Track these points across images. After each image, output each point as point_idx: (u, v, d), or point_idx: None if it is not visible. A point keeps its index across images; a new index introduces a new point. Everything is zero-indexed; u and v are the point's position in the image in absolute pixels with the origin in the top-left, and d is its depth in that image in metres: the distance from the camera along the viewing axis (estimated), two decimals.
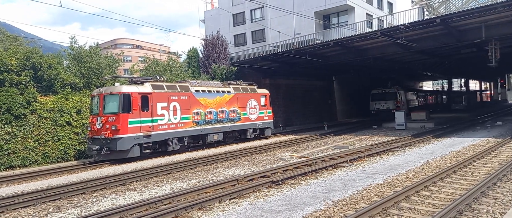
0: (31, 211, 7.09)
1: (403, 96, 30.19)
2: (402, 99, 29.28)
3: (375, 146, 13.82)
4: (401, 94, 29.20)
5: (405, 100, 30.73)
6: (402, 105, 28.30)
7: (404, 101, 30.34)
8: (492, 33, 16.14)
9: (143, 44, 70.72)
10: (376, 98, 28.77)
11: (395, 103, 27.61)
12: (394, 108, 26.44)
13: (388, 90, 28.84)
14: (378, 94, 28.82)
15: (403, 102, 29.72)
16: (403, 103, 29.50)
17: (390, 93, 28.61)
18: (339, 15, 30.89)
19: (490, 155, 10.81)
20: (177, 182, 9.21)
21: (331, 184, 8.03)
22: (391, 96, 28.39)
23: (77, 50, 17.91)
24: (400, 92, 29.09)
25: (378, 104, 28.54)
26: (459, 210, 5.60)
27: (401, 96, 29.08)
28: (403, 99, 30.14)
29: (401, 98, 28.97)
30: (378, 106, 28.49)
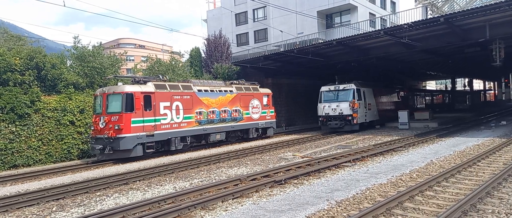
0: (35, 210, 7.12)
1: (368, 96, 21.79)
2: (364, 100, 21.06)
3: (378, 146, 13.76)
4: (363, 93, 21.06)
5: (373, 103, 22.68)
6: (364, 109, 20.91)
7: (373, 104, 22.52)
8: (497, 32, 16.00)
9: (146, 44, 70.92)
10: (328, 99, 20.87)
11: (351, 106, 19.61)
12: (350, 114, 19.53)
13: (343, 88, 20.46)
14: (330, 94, 20.99)
15: (369, 104, 21.84)
16: (369, 105, 21.88)
17: (346, 92, 20.35)
18: (342, 14, 30.81)
19: (494, 155, 10.72)
20: (180, 181, 9.21)
21: (334, 184, 8.00)
22: (346, 95, 20.25)
23: (80, 50, 17.98)
24: (362, 90, 21.07)
25: (328, 108, 20.38)
26: (464, 210, 5.55)
27: (362, 95, 20.87)
28: (369, 100, 21.91)
29: (362, 98, 20.79)
30: (327, 111, 20.27)
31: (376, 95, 23.36)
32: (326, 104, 20.58)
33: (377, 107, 23.32)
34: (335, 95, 20.77)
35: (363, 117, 20.89)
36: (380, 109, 23.93)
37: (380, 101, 24.31)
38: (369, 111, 21.83)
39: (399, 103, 28.02)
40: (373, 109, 22.57)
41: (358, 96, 20.40)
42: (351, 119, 19.68)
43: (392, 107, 26.45)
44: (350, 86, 20.44)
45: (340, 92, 20.60)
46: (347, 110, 19.81)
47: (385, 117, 24.29)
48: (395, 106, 26.85)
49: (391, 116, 24.55)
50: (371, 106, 22.22)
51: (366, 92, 21.63)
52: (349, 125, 19.87)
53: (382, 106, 24.34)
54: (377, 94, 23.54)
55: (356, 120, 19.78)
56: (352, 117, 19.68)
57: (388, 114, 25.04)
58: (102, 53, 19.33)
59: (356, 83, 20.89)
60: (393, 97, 27.61)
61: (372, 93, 22.75)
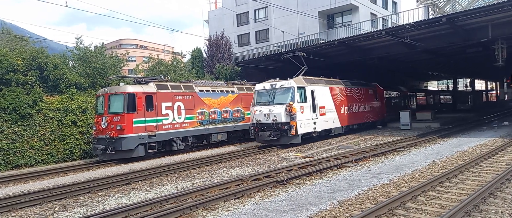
0: (38, 210, 7.13)
1: (322, 97, 16.73)
2: (312, 103, 15.85)
3: (380, 146, 13.73)
4: (312, 93, 15.95)
5: (332, 106, 17.65)
6: (311, 115, 15.73)
7: (331, 108, 17.53)
8: (499, 32, 15.96)
9: (148, 45, 71.04)
10: (262, 101, 15.49)
11: (287, 111, 14.43)
12: (287, 121, 14.41)
13: (280, 86, 15.21)
14: (265, 94, 15.57)
15: (323, 107, 16.64)
16: (323, 109, 16.74)
17: (283, 92, 15.05)
18: (343, 14, 30.76)
19: (497, 155, 10.68)
20: (182, 181, 9.22)
21: (336, 184, 7.98)
22: (283, 96, 14.92)
23: (82, 51, 18.04)
24: (310, 90, 15.85)
25: (259, 113, 15.08)
26: (467, 210, 5.52)
27: (309, 96, 15.70)
28: (324, 102, 16.86)
29: (309, 100, 15.64)
30: (259, 118, 14.97)
31: (337, 96, 18.14)
32: (258, 108, 15.19)
33: (340, 111, 18.28)
34: (271, 96, 15.16)
35: (309, 125, 15.57)
36: (347, 113, 18.95)
37: (346, 104, 18.98)
38: (322, 117, 16.56)
39: (378, 107, 23.16)
40: (331, 114, 17.38)
41: (302, 98, 15.25)
42: (288, 129, 14.38)
43: (367, 111, 21.50)
44: (289, 83, 14.97)
45: (277, 92, 15.12)
46: (282, 116, 14.42)
47: (360, 124, 20.72)
48: (373, 110, 22.32)
49: (367, 123, 21.25)
50: (328, 111, 17.11)
51: (318, 92, 16.37)
52: (286, 137, 14.53)
53: (349, 110, 19.13)
54: (338, 95, 18.34)
55: (294, 129, 14.44)
56: (290, 126, 14.37)
57: (362, 119, 20.70)
58: (104, 53, 19.39)
59: (300, 80, 15.70)
60: (369, 98, 22.07)
61: (330, 93, 17.54)
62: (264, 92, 15.67)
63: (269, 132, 14.76)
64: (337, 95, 18.28)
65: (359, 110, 20.54)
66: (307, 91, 15.74)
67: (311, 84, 16.30)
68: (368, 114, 21.67)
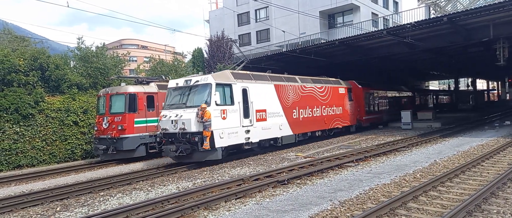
0: (39, 210, 7.16)
1: (260, 98, 12.99)
2: (244, 106, 12.23)
3: (381, 146, 13.72)
4: (242, 92, 12.28)
5: (279, 109, 13.89)
6: (237, 122, 11.87)
7: (276, 111, 13.73)
8: (501, 32, 15.93)
9: (149, 45, 71.13)
10: (173, 103, 11.90)
11: (199, 117, 10.76)
12: (199, 131, 10.74)
13: (195, 82, 11.60)
14: (178, 93, 12.00)
15: (262, 111, 12.97)
16: (263, 113, 13.02)
17: (197, 91, 11.53)
18: (344, 14, 30.73)
19: (499, 155, 10.65)
20: (183, 181, 9.23)
21: (338, 184, 7.98)
22: (197, 96, 11.43)
23: (83, 51, 18.08)
24: (239, 88, 12.15)
25: (166, 119, 11.48)
26: (469, 210, 5.52)
27: (236, 97, 11.98)
28: (264, 105, 13.19)
29: (235, 101, 11.93)
30: (166, 126, 11.42)
31: (287, 97, 14.36)
32: (167, 112, 11.46)
33: (292, 116, 14.52)
34: (184, 97, 11.53)
35: (237, 134, 11.69)
36: (303, 118, 15.23)
37: (302, 106, 15.21)
38: (261, 124, 12.76)
39: (353, 109, 19.40)
40: (276, 120, 13.58)
41: (225, 99, 11.48)
42: (200, 141, 10.61)
43: (336, 114, 17.74)
44: (206, 79, 11.25)
45: (192, 90, 11.45)
46: (191, 124, 10.64)
47: (325, 131, 17.05)
48: (345, 113, 18.60)
49: (336, 129, 17.81)
50: (272, 115, 13.34)
51: (255, 92, 12.60)
52: (198, 152, 10.81)
53: (307, 114, 15.46)
54: (290, 95, 14.51)
55: (208, 142, 10.55)
56: (201, 137, 10.56)
57: (329, 124, 17.05)
58: (105, 54, 19.42)
59: (224, 75, 11.96)
60: (339, 99, 18.11)
61: (276, 93, 13.80)
62: (177, 91, 11.80)
63: (175, 144, 10.88)
64: (287, 96, 14.41)
65: (322, 113, 16.62)
66: (235, 91, 11.84)
67: (244, 81, 12.40)
68: (338, 117, 17.82)
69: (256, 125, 12.67)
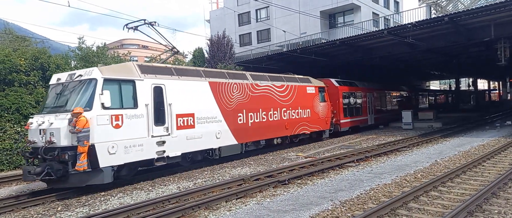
0: (41, 210, 7.17)
1: (181, 99, 10.04)
2: (156, 110, 9.36)
3: (382, 146, 13.71)
4: (134, 89, 8.92)
5: (216, 112, 11.23)
6: (146, 131, 9.00)
7: (213, 115, 11.10)
8: (502, 32, 15.91)
9: (149, 45, 71.19)
10: (50, 106, 8.80)
11: (72, 126, 7.69)
12: (70, 145, 7.79)
13: (78, 77, 8.56)
14: (57, 93, 8.85)
15: (188, 117, 10.23)
16: (188, 120, 10.22)
17: (76, 89, 8.52)
18: (345, 14, 30.73)
19: (500, 155, 10.64)
20: (184, 181, 9.23)
21: (338, 184, 7.98)
22: (75, 97, 8.40)
23: (84, 51, 18.10)
24: (136, 85, 8.95)
25: (35, 127, 8.31)
26: (470, 210, 5.51)
27: (127, 97, 8.81)
28: (189, 107, 10.27)
29: (139, 104, 8.90)
30: (33, 138, 8.28)
31: (229, 97, 11.65)
32: (38, 118, 8.54)
33: (236, 121, 11.86)
34: (63, 97, 8.75)
35: (142, 148, 8.88)
36: (253, 123, 12.53)
37: (252, 109, 12.53)
38: (186, 132, 10.02)
39: (325, 112, 16.55)
40: (211, 127, 10.83)
41: (124, 100, 8.79)
42: (72, 159, 7.80)
43: (302, 118, 14.97)
44: (90, 73, 8.53)
45: (71, 87, 8.74)
46: (60, 135, 7.90)
47: (286, 138, 14.31)
48: (316, 116, 15.80)
49: (302, 134, 15.19)
50: (204, 121, 10.61)
51: (175, 90, 9.86)
52: (73, 175, 7.85)
53: (259, 119, 12.81)
54: (233, 95, 11.84)
55: (83, 160, 7.76)
56: (74, 155, 7.79)
57: (291, 130, 14.30)
58: (106, 53, 19.43)
59: (125, 69, 9.28)
60: (306, 100, 15.41)
61: (211, 92, 11.03)
62: (57, 90, 8.93)
63: (42, 164, 7.94)
64: (229, 96, 11.63)
65: (282, 117, 13.87)
66: (141, 89, 9.00)
67: (158, 77, 9.48)
68: (304, 122, 15.10)
69: (177, 133, 9.70)
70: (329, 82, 18.49)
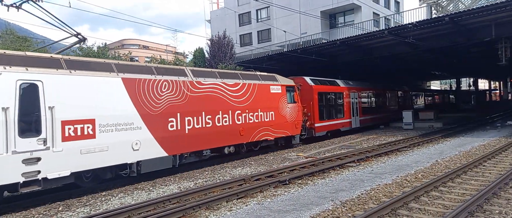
0: (42, 210, 7.18)
1: (57, 97, 7.49)
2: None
3: (382, 146, 13.71)
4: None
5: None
6: None
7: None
8: (502, 32, 15.90)
9: (150, 45, 71.24)
10: None
11: None
12: None
13: None
14: None
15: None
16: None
17: None
18: (346, 14, 30.74)
19: (501, 155, 10.63)
20: (184, 181, 9.24)
21: (339, 184, 7.98)
22: None
23: (85, 51, 18.14)
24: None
25: None
26: (471, 211, 5.51)
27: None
28: (68, 107, 7.65)
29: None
30: None
31: (155, 98, 9.45)
32: None
33: (166, 127, 9.61)
34: None
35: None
36: (191, 130, 10.23)
37: (190, 112, 10.28)
38: (71, 145, 7.69)
39: (294, 115, 14.25)
40: (125, 135, 8.69)
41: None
42: None
43: (264, 122, 12.86)
44: None
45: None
46: None
47: (240, 146, 12.10)
48: (282, 120, 13.63)
49: (262, 141, 13.01)
50: (110, 128, 8.40)
51: (59, 89, 7.67)
52: None
53: (200, 124, 10.58)
54: (162, 95, 9.63)
55: None
56: None
57: (247, 137, 12.12)
58: (107, 54, 19.47)
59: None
60: (270, 101, 13.23)
61: (125, 90, 8.88)
62: None
63: None
64: (155, 96, 9.35)
65: (236, 121, 11.70)
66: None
67: (29, 69, 7.31)
68: (267, 126, 12.96)
69: (64, 146, 7.52)
70: (302, 81, 16.68)
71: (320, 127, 17.08)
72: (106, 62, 9.19)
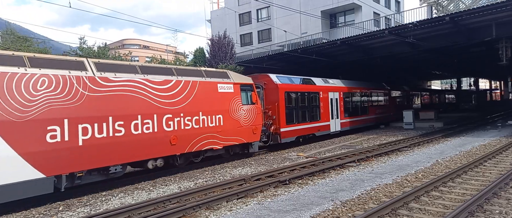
0: (42, 210, 7.19)
1: None
2: None
3: (383, 146, 13.70)
4: None
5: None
6: None
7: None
8: (503, 31, 15.88)
9: (150, 45, 71.28)
10: None
11: None
12: None
13: None
14: None
15: None
16: None
17: None
18: (346, 14, 30.72)
19: (501, 155, 10.62)
20: (185, 181, 9.25)
21: (339, 184, 7.98)
22: None
23: (86, 51, 18.16)
24: None
25: None
26: (471, 211, 5.50)
27: None
28: None
29: None
30: None
31: (10, 98, 6.83)
32: None
33: (40, 138, 7.14)
34: None
35: None
36: (85, 141, 7.79)
37: (81, 114, 7.82)
38: None
39: (245, 114, 12.04)
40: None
41: None
42: None
43: (195, 128, 10.20)
44: None
45: None
46: None
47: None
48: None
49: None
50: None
51: None
52: None
53: (99, 132, 8.10)
54: (29, 93, 7.10)
55: None
56: None
57: (174, 147, 9.51)
58: (107, 54, 19.49)
59: None
60: (211, 101, 10.90)
61: None
62: None
63: None
64: (20, 97, 7.05)
65: (165, 128, 9.42)
66: None
67: None
68: (213, 133, 10.75)
69: None
70: (267, 78, 14.66)
71: (287, 132, 14.71)
72: None
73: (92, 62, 8.56)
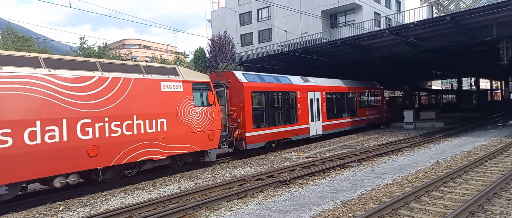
0: (42, 210, 7.19)
1: None
2: None
3: (383, 146, 13.68)
4: None
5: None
6: None
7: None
8: (504, 31, 15.85)
9: (151, 45, 71.32)
10: None
11: None
12: None
13: None
14: None
15: None
16: None
17: None
18: (347, 13, 30.71)
19: (502, 155, 10.60)
20: (185, 181, 9.24)
21: (339, 184, 7.97)
22: None
23: (86, 51, 18.18)
24: None
25: None
26: (472, 211, 5.49)
27: None
28: None
29: None
30: None
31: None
32: None
33: None
34: None
35: None
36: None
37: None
38: None
39: (198, 118, 10.34)
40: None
41: None
42: None
43: (126, 136, 8.66)
44: None
45: None
46: None
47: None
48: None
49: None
50: None
51: None
52: None
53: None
54: None
55: None
56: None
57: (95, 159, 7.65)
58: (108, 53, 19.50)
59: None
60: (152, 102, 9.20)
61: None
62: None
63: None
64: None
65: (81, 136, 7.71)
66: None
67: None
68: (151, 141, 9.10)
69: None
70: (231, 76, 13.01)
71: (255, 137, 12.99)
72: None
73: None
